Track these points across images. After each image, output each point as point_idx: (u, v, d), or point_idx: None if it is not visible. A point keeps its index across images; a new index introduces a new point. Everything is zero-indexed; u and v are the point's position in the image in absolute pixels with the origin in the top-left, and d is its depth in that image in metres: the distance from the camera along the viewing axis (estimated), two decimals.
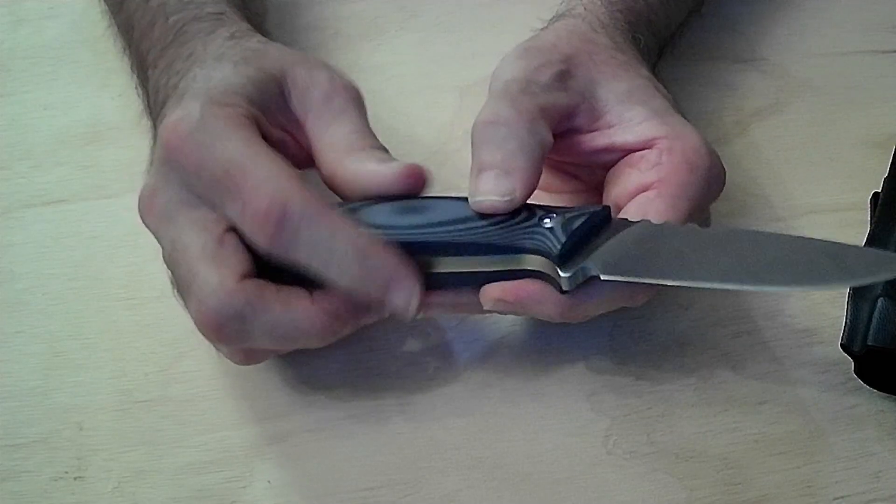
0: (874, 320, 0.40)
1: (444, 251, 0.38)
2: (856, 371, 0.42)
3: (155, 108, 0.44)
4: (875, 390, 0.42)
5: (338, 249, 0.36)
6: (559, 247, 0.37)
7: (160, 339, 0.44)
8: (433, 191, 0.49)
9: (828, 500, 0.40)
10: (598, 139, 0.42)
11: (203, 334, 0.37)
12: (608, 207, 0.39)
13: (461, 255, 0.38)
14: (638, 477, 0.40)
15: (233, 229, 0.37)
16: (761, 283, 0.36)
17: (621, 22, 0.46)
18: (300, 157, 0.41)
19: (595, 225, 0.38)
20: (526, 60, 0.42)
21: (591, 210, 0.38)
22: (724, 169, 0.42)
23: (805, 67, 0.54)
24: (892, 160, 0.47)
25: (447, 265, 0.38)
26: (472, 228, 0.38)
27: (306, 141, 0.41)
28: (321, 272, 0.37)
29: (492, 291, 0.38)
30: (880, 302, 0.40)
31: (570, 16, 0.46)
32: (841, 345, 0.41)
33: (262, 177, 0.36)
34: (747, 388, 0.42)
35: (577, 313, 0.39)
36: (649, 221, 0.38)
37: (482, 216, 0.38)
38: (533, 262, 0.38)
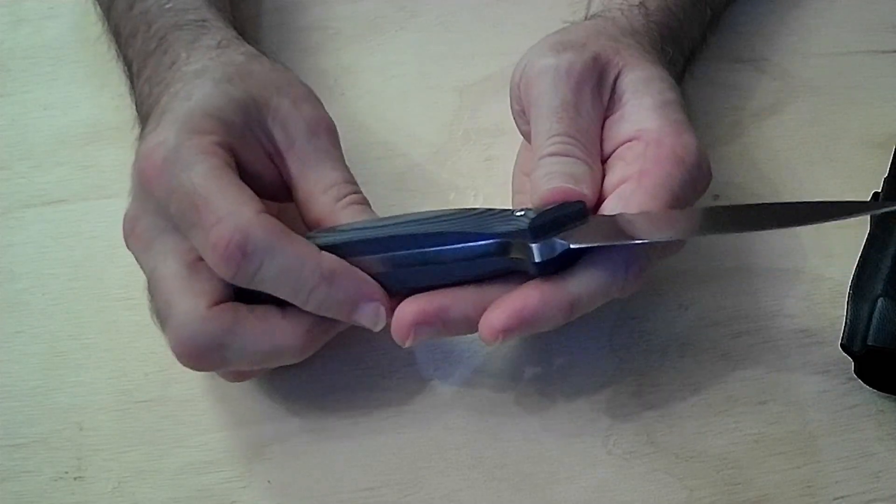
0: (874, 320, 0.40)
1: (414, 243, 0.38)
2: (856, 371, 0.42)
3: (140, 119, 0.44)
4: (875, 390, 0.42)
5: (300, 279, 0.36)
6: (528, 222, 0.36)
7: (160, 339, 0.44)
8: (433, 190, 0.49)
9: (828, 500, 0.40)
10: (603, 130, 0.42)
11: (182, 363, 0.37)
12: (583, 203, 0.38)
13: (432, 246, 0.37)
14: (638, 477, 0.40)
15: None
16: (741, 227, 0.36)
17: (654, 33, 0.46)
18: (277, 185, 0.41)
19: (569, 215, 0.38)
20: (562, 70, 0.41)
21: (567, 204, 0.38)
22: (710, 173, 0.41)
23: (805, 67, 0.54)
24: (892, 160, 0.47)
25: (417, 260, 0.38)
26: (442, 220, 0.38)
27: (287, 172, 0.41)
28: (287, 299, 0.37)
29: (493, 321, 0.37)
30: (880, 302, 0.41)
31: (603, 17, 0.46)
32: (841, 345, 0.41)
33: (225, 209, 0.36)
34: (747, 388, 0.42)
35: (566, 303, 0.37)
36: (624, 214, 0.38)
37: (455, 214, 0.38)
38: (504, 245, 0.37)
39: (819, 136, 0.51)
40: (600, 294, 0.38)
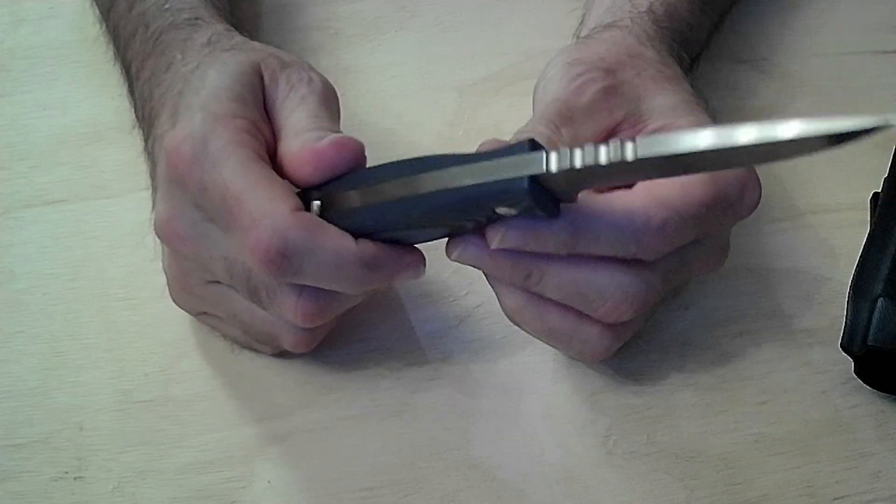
0: (874, 320, 0.40)
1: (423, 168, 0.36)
2: (856, 371, 0.42)
3: (144, 121, 0.44)
4: (875, 390, 0.42)
5: (343, 273, 0.36)
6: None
7: (160, 339, 0.44)
8: None
9: (828, 500, 0.40)
10: None
11: (264, 267, 0.36)
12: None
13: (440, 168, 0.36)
14: (638, 477, 0.40)
15: None
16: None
17: (667, 37, 0.45)
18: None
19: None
20: (569, 76, 0.41)
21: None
22: (760, 189, 0.39)
23: (805, 67, 0.54)
24: (892, 160, 0.47)
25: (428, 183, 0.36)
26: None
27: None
28: (331, 289, 0.37)
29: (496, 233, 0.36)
30: (880, 302, 0.41)
31: (617, 27, 0.45)
32: (841, 345, 0.41)
33: (259, 210, 0.36)
34: (747, 388, 0.42)
35: (583, 241, 0.36)
36: None
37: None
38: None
39: None
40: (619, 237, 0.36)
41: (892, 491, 0.40)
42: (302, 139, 0.38)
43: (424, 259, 0.39)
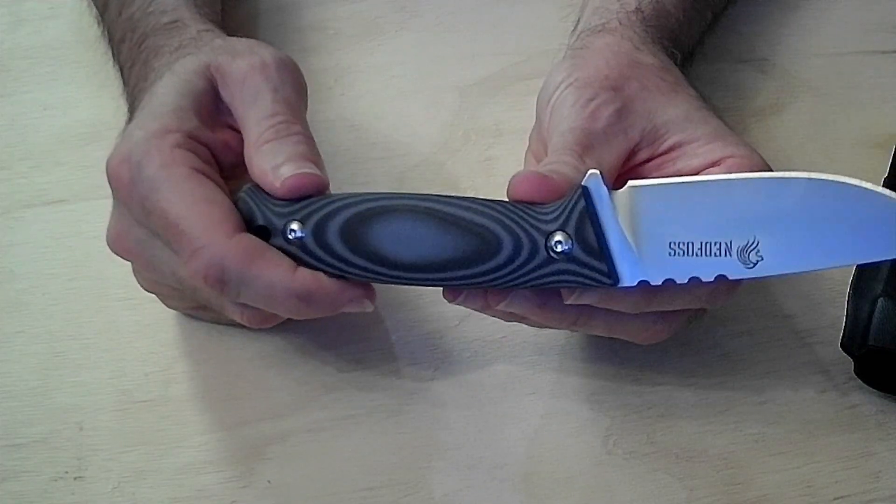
0: (874, 320, 0.40)
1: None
2: (856, 371, 0.42)
3: None
4: (875, 390, 0.42)
5: (277, 303, 0.37)
6: (607, 279, 0.35)
7: (160, 339, 0.44)
8: (433, 190, 0.49)
9: (828, 500, 0.40)
10: (663, 167, 0.41)
11: (207, 286, 0.36)
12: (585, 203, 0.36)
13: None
14: (638, 477, 0.40)
15: None
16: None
17: (657, 37, 0.45)
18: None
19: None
20: (580, 102, 0.40)
21: (579, 209, 0.36)
22: None
23: (805, 67, 0.54)
24: (892, 160, 0.47)
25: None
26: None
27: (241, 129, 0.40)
28: (270, 311, 0.38)
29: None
30: (880, 302, 0.40)
31: (608, 31, 0.45)
32: (841, 345, 0.41)
33: (199, 238, 0.36)
34: (747, 388, 0.42)
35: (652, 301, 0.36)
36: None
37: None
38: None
39: (819, 136, 0.51)
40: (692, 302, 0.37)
41: (892, 491, 0.40)
42: (261, 160, 0.38)
43: (373, 293, 0.38)
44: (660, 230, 0.35)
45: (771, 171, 0.39)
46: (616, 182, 0.40)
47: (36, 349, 0.44)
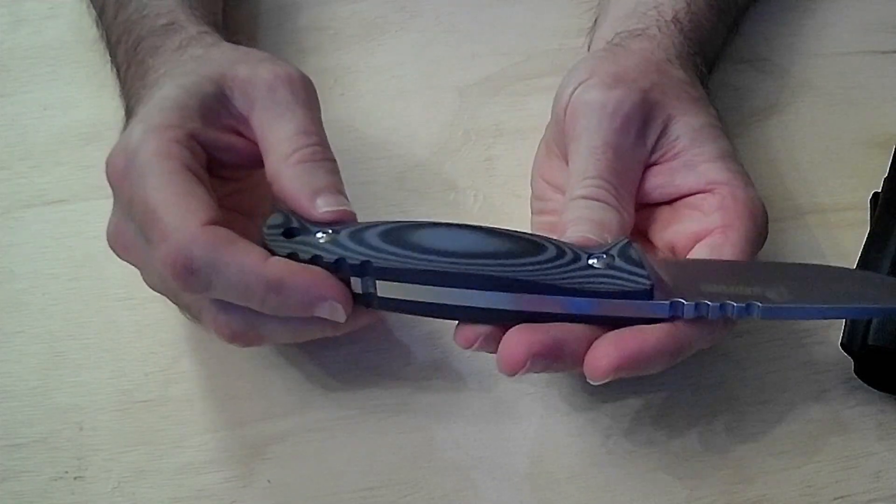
0: (874, 320, 0.40)
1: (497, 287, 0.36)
2: (856, 371, 0.42)
3: None
4: (875, 390, 0.42)
5: (248, 291, 0.36)
6: (647, 281, 0.36)
7: (160, 339, 0.44)
8: (433, 190, 0.49)
9: (828, 500, 0.40)
10: (659, 175, 0.42)
11: (174, 278, 0.36)
12: (631, 241, 0.38)
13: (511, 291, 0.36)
14: (638, 476, 0.40)
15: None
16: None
17: (692, 52, 0.46)
18: (251, 153, 0.40)
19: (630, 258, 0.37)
20: (610, 107, 0.41)
21: (622, 243, 0.37)
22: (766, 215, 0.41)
23: (805, 67, 0.54)
24: (892, 160, 0.47)
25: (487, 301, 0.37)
26: (517, 266, 0.36)
27: (254, 136, 0.40)
28: (242, 305, 0.37)
29: (603, 360, 0.36)
30: None
31: (646, 37, 0.45)
32: (841, 345, 0.41)
33: (171, 225, 0.35)
34: (747, 388, 0.42)
35: (675, 349, 0.37)
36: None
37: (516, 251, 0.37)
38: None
39: (819, 136, 0.51)
40: (703, 341, 0.38)
41: (892, 491, 0.40)
42: (296, 180, 0.38)
43: (348, 299, 0.37)
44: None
45: (762, 205, 0.40)
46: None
47: (36, 349, 0.44)
